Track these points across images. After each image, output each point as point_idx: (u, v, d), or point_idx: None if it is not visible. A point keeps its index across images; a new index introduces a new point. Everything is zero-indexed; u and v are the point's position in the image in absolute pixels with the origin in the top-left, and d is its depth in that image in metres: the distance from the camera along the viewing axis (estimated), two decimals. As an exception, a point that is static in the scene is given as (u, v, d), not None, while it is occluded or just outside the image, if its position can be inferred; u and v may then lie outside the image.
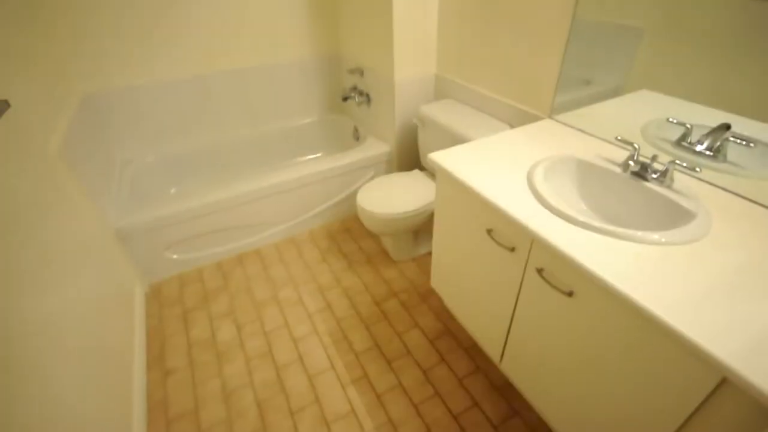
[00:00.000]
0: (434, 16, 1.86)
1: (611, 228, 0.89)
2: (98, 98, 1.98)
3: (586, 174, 1.15)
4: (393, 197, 1.79)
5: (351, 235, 2.21)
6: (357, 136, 2.45)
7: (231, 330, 1.69)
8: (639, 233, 0.87)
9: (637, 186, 1.04)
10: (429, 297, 1.81)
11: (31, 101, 1.33)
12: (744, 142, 0.96)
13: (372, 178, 2.24)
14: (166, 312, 1.79)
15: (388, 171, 2.28)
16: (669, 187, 0.99)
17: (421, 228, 1.93)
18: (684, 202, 0.94)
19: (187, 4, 1.96)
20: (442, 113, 1.79)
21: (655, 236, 0.86)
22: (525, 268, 1.04)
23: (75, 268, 1.23)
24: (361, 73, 2.23)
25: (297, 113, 2.57)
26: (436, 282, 1.56)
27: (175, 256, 1.92)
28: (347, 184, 2.20)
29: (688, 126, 1.05)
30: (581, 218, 0.92)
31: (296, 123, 2.58)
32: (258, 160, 2.54)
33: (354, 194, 2.26)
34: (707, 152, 1.03)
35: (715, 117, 1.00)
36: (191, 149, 2.32)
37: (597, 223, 0.90)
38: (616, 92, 1.22)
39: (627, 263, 0.81)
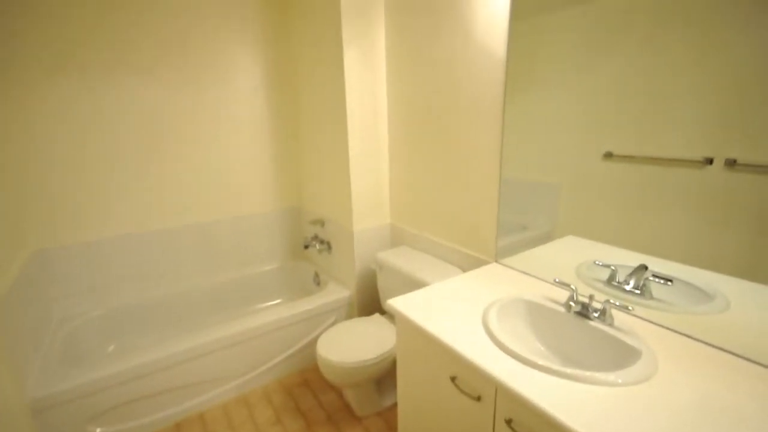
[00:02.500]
0: (386, 174, 2.14)
1: (570, 371, 0.91)
2: (49, 253, 1.94)
3: (536, 314, 1.21)
4: (354, 344, 1.73)
5: (310, 388, 2.03)
6: (318, 282, 2.47)
7: None
8: (597, 375, 0.89)
9: (583, 325, 1.10)
10: (398, 461, 1.60)
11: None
12: (662, 281, 1.09)
13: (333, 323, 2.19)
14: None
15: (350, 315, 2.25)
16: (611, 325, 1.06)
17: (385, 376, 1.83)
18: (628, 339, 1.00)
19: (150, 162, 2.13)
20: (398, 259, 1.90)
21: (611, 377, 0.89)
22: (494, 420, 0.99)
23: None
24: (322, 223, 2.40)
25: (258, 261, 2.61)
26: (405, 442, 1.41)
27: (98, 431, 1.63)
28: (308, 331, 2.12)
29: (613, 267, 1.19)
30: (541, 362, 0.94)
31: (257, 270, 2.59)
32: (215, 309, 2.44)
33: (314, 342, 2.16)
34: (636, 291, 1.14)
35: (634, 258, 1.15)
36: (142, 302, 2.21)
37: (556, 367, 0.92)
38: (549, 237, 1.39)
39: (592, 409, 0.80)
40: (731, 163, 0.94)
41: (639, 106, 1.08)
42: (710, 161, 0.97)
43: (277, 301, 2.66)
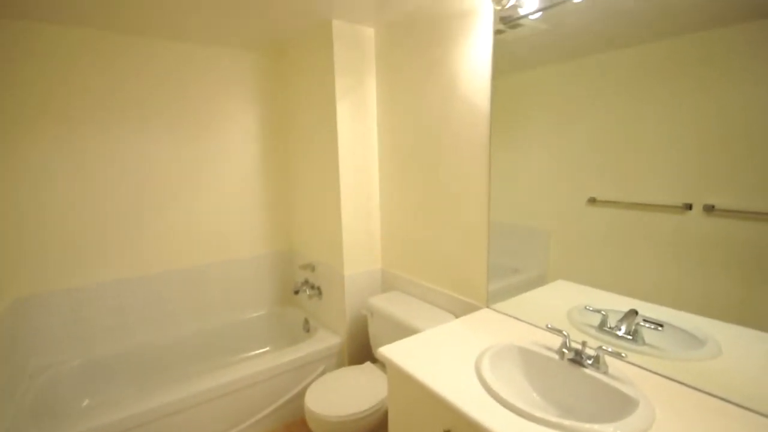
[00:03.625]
0: (377, 219, 2.16)
1: (568, 423, 0.88)
2: (29, 301, 1.88)
3: (529, 362, 1.19)
4: (344, 395, 1.66)
5: (297, 445, 1.91)
6: (307, 328, 2.41)
7: None
8: (596, 427, 0.87)
9: (577, 373, 1.08)
10: None
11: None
12: (653, 326, 1.08)
13: (322, 372, 2.11)
14: None
15: (339, 364, 2.18)
16: (605, 372, 1.04)
17: (376, 430, 1.74)
18: (623, 388, 0.98)
19: (138, 207, 2.11)
20: (389, 305, 1.87)
21: (610, 429, 0.86)
22: (491, 478, 0.94)
23: None
24: (313, 268, 2.38)
25: (247, 307, 2.54)
26: (398, 505, 1.32)
27: (64, 498, 1.50)
28: (296, 381, 2.03)
29: (604, 312, 1.19)
30: (537, 413, 0.91)
31: (245, 317, 2.52)
32: (198, 359, 2.34)
33: (301, 394, 2.06)
34: (628, 336, 1.14)
35: (624, 302, 1.15)
36: (121, 351, 2.12)
37: (554, 419, 0.90)
38: (539, 281, 1.40)
39: (589, 464, 0.77)
40: (709, 209, 0.97)
41: (618, 153, 1.13)
42: (689, 207, 1.01)
43: (265, 349, 2.57)
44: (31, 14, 1.71)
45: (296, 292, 2.40)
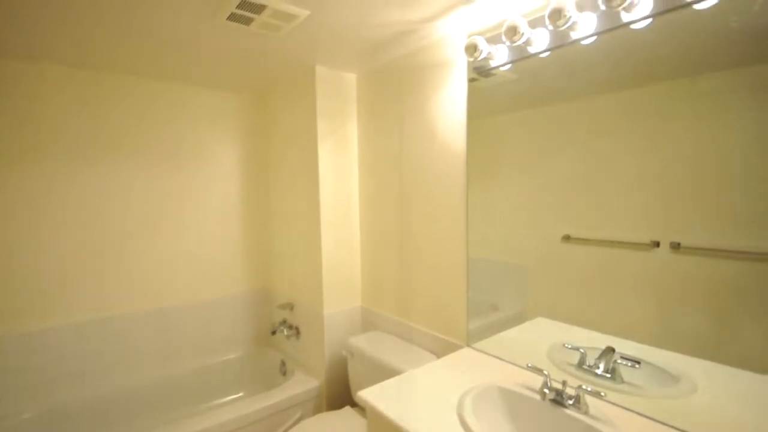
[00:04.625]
0: (357, 256, 2.15)
1: (549, 467, 0.86)
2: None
3: (511, 403, 1.17)
4: (322, 444, 1.57)
5: (269, 502, 1.77)
6: (284, 371, 2.31)
7: None
8: (577, 471, 0.85)
9: (560, 414, 1.06)
10: None
11: None
12: (630, 363, 1.09)
13: (299, 419, 2.00)
14: None
15: (317, 409, 2.07)
16: (586, 413, 1.03)
17: (356, 483, 1.64)
18: (605, 429, 0.97)
19: (105, 245, 2.02)
20: (369, 345, 1.83)
21: (592, 473, 0.84)
22: None
23: None
24: (291, 307, 2.32)
25: (221, 349, 2.43)
26: None
27: None
28: (270, 430, 1.91)
29: (582, 350, 1.20)
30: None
31: (219, 359, 2.41)
32: (167, 408, 2.19)
33: (276, 443, 1.94)
34: (606, 374, 1.14)
35: (601, 339, 1.16)
36: (82, 399, 1.96)
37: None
38: (519, 318, 1.40)
39: None
40: (676, 246, 1.02)
41: (589, 192, 1.18)
42: (657, 244, 1.05)
43: (238, 394, 2.44)
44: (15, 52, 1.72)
45: (273, 333, 2.32)
